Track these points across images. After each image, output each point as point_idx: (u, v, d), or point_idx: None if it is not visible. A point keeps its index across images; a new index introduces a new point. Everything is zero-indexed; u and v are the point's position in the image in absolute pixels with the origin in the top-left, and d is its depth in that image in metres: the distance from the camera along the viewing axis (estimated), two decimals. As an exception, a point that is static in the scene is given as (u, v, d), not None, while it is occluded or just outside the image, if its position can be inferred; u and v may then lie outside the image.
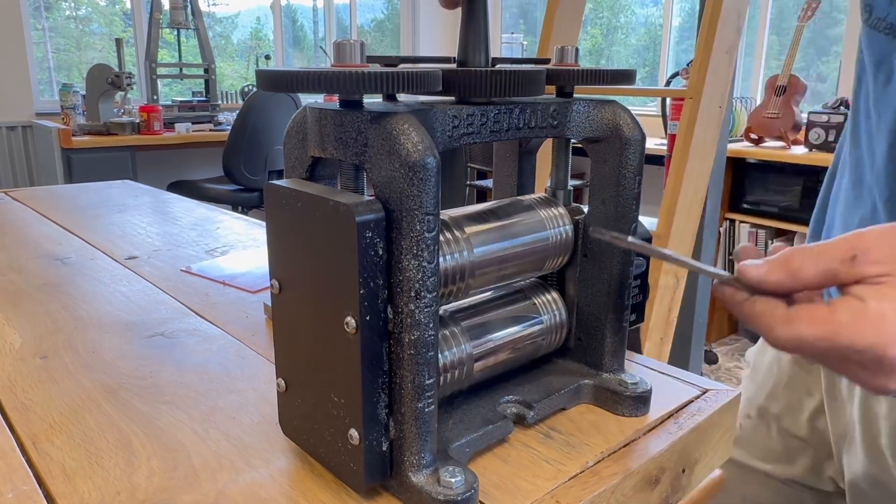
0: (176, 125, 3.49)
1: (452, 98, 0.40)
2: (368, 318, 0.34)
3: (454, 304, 0.45)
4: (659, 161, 2.14)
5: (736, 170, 3.08)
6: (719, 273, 0.42)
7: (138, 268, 0.84)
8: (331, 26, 5.03)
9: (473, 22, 0.41)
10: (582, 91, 0.46)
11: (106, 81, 3.25)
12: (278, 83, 0.33)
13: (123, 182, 1.50)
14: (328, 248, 0.35)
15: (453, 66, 0.40)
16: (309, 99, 3.38)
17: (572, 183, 0.49)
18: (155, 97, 3.57)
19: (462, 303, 0.46)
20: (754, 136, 3.17)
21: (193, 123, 3.60)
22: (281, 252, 0.39)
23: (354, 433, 0.36)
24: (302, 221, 0.36)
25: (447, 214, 0.42)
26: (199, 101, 3.81)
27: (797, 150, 2.96)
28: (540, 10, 4.94)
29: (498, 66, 0.40)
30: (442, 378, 0.42)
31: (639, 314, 0.49)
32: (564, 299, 0.49)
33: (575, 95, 0.45)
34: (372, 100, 0.37)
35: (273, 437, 0.44)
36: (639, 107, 4.00)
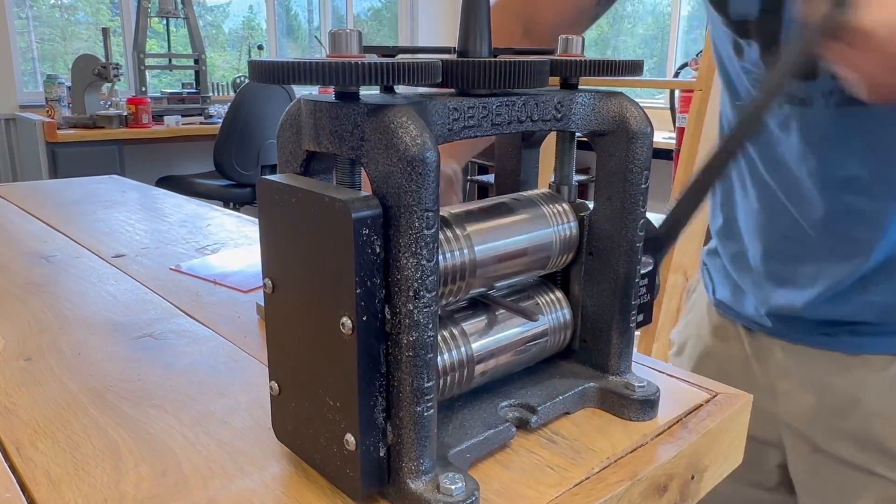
0: (165, 118, 3.46)
1: (452, 90, 0.39)
2: (365, 319, 0.33)
3: (454, 305, 0.44)
4: (667, 155, 2.13)
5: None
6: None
7: (126, 266, 0.83)
8: (326, 15, 5.00)
9: (474, 10, 0.40)
10: (587, 83, 0.46)
11: (92, 72, 3.23)
12: (271, 75, 0.33)
13: (110, 177, 1.48)
14: (323, 246, 0.34)
15: (453, 57, 0.39)
16: (303, 91, 3.35)
17: (577, 178, 0.49)
18: (143, 89, 3.54)
19: (462, 303, 0.45)
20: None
21: (183, 116, 3.58)
22: (274, 250, 0.38)
23: (350, 438, 0.35)
24: (296, 218, 0.35)
25: (447, 211, 0.41)
26: (189, 94, 3.79)
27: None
28: None
29: (500, 57, 0.39)
30: (441, 381, 0.41)
31: (646, 314, 0.49)
32: (569, 299, 0.48)
33: (580, 87, 0.45)
34: (369, 92, 0.36)
35: (266, 443, 0.43)
36: (646, 99, 3.99)
